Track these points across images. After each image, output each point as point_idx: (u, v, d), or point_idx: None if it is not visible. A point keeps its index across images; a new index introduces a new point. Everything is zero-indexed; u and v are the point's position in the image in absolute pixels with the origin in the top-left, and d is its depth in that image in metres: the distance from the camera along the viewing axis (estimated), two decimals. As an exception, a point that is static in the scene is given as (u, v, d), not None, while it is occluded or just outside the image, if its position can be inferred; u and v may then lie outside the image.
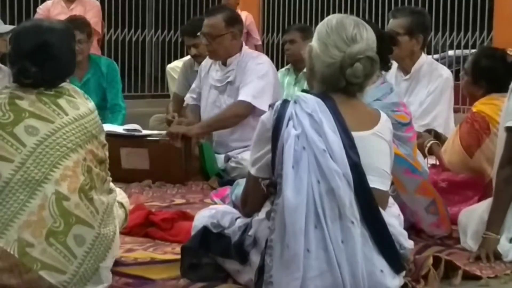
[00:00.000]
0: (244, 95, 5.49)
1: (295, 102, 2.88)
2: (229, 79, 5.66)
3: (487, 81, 4.23)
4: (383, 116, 3.01)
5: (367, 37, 2.93)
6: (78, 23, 6.26)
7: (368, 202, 2.83)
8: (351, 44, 2.90)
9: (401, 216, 3.07)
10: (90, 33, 6.46)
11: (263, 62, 5.67)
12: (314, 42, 2.97)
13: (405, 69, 5.26)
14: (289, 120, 2.84)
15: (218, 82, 5.73)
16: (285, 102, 2.90)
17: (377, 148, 2.92)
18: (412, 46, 5.14)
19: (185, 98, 6.12)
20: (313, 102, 2.87)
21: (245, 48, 5.80)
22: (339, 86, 2.92)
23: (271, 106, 2.93)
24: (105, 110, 6.32)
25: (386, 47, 3.92)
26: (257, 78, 5.53)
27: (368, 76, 2.92)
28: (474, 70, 4.30)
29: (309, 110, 2.85)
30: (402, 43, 5.03)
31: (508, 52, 4.21)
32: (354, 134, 2.87)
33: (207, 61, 5.91)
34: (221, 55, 5.66)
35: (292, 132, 2.80)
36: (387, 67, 3.99)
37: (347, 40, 2.91)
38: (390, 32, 4.83)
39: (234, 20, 5.68)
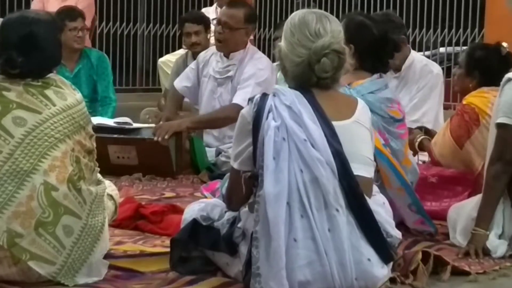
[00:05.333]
0: (240, 99, 5.38)
1: (274, 95, 2.91)
2: (229, 74, 5.64)
3: (480, 71, 4.25)
4: (360, 102, 3.04)
5: (331, 30, 2.94)
6: (81, 12, 6.35)
7: (353, 190, 2.85)
8: (316, 39, 2.91)
9: (387, 205, 3.08)
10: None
11: (264, 67, 5.60)
12: (282, 42, 2.99)
13: (395, 67, 5.24)
14: (268, 112, 2.86)
15: (218, 73, 5.70)
16: (264, 96, 2.92)
17: (359, 136, 2.95)
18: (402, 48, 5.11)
19: (174, 83, 5.97)
20: (291, 95, 2.90)
21: (249, 45, 5.78)
22: (311, 82, 2.95)
23: (250, 100, 2.95)
24: (96, 102, 6.31)
25: (389, 51, 3.91)
26: (256, 83, 5.47)
27: (338, 68, 2.94)
28: (468, 61, 4.31)
29: (288, 102, 2.88)
30: None
31: (502, 45, 4.23)
32: (335, 123, 2.89)
33: (205, 53, 5.87)
34: (230, 47, 5.63)
35: (272, 124, 2.83)
36: (385, 70, 3.97)
37: (310, 36, 2.92)
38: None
39: (252, 18, 5.74)
